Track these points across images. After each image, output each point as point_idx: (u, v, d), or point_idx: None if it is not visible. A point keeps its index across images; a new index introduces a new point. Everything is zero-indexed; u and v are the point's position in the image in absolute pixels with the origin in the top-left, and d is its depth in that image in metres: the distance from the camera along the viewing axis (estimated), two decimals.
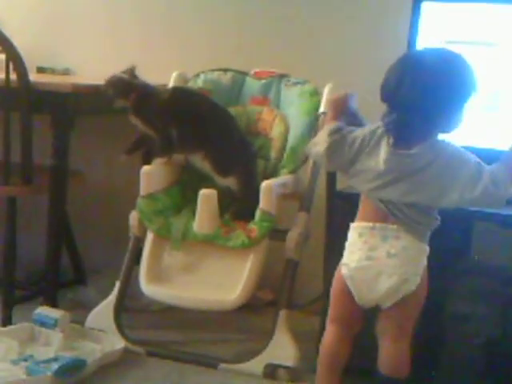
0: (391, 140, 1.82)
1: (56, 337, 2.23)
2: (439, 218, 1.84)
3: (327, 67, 2.70)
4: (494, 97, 2.23)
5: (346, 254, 1.87)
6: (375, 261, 1.81)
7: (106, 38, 3.07)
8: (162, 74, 2.63)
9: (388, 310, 1.83)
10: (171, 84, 2.57)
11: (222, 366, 2.25)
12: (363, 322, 1.90)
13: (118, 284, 2.42)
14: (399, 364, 1.84)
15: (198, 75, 2.59)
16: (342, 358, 1.90)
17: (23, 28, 3.02)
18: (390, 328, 1.84)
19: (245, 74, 2.60)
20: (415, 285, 1.81)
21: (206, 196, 2.30)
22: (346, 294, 1.86)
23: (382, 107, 1.83)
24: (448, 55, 1.86)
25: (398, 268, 1.80)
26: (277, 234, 2.29)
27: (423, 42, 2.26)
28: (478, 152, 1.84)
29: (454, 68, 1.81)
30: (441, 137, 1.83)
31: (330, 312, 1.91)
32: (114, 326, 2.35)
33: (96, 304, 2.44)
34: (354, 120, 1.98)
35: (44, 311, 2.30)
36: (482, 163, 1.79)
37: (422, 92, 1.76)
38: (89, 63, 3.07)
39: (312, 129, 2.39)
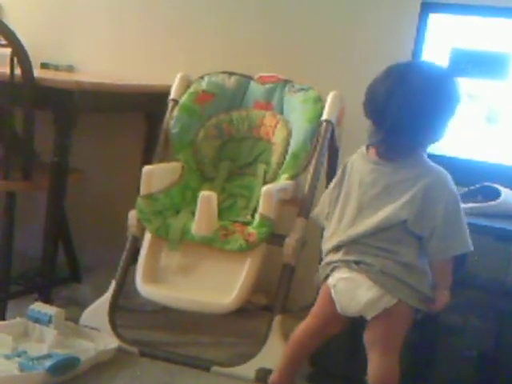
0: (376, 156, 1.87)
1: (50, 333, 2.22)
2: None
3: (332, 74, 2.71)
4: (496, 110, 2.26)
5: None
6: (356, 273, 1.83)
7: (110, 36, 3.07)
8: (167, 74, 2.63)
9: (372, 321, 1.84)
10: (175, 85, 2.57)
11: (215, 368, 2.25)
12: (343, 327, 1.92)
13: (113, 283, 2.41)
14: (387, 377, 1.84)
15: (202, 77, 2.59)
16: (307, 351, 1.96)
17: (27, 24, 3.01)
18: (376, 340, 1.85)
19: (249, 78, 2.61)
20: (396, 299, 1.81)
21: (206, 198, 2.30)
22: (332, 300, 1.88)
23: None
24: (432, 70, 1.88)
25: (377, 282, 1.81)
26: (274, 238, 2.29)
27: (428, 53, 2.28)
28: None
29: (440, 84, 1.82)
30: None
31: (314, 308, 1.95)
32: (108, 325, 2.35)
33: (91, 302, 2.44)
34: None
35: (38, 307, 2.29)
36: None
37: (410, 111, 1.78)
38: (92, 61, 3.07)
39: (314, 135, 2.40)
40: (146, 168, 2.41)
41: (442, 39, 2.30)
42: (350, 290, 1.83)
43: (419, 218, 1.80)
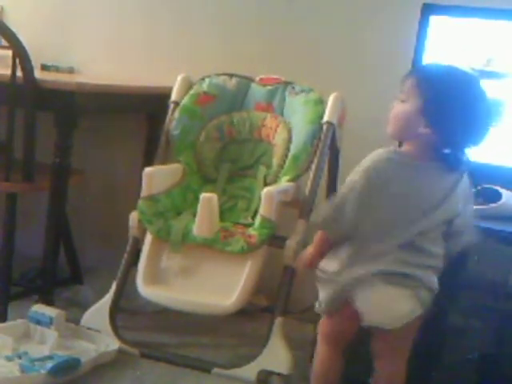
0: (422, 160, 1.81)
1: (51, 335, 2.22)
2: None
3: (333, 76, 2.70)
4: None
5: None
6: (391, 287, 1.77)
7: (111, 38, 3.07)
8: (168, 76, 2.63)
9: (388, 332, 1.79)
10: (176, 87, 2.57)
11: (216, 370, 2.25)
12: (354, 335, 1.89)
13: (114, 284, 2.41)
14: (394, 381, 1.84)
15: (203, 79, 2.59)
16: (337, 372, 1.90)
17: (28, 25, 3.01)
18: (387, 350, 1.84)
19: (250, 79, 2.61)
20: (419, 312, 1.79)
21: (207, 199, 2.31)
22: (352, 315, 1.81)
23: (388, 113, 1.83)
24: (475, 79, 1.82)
25: (413, 296, 1.78)
26: (275, 240, 2.29)
27: (430, 55, 2.28)
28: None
29: (484, 94, 1.79)
30: None
31: (326, 330, 1.90)
32: (109, 327, 2.35)
33: (92, 303, 2.44)
34: None
35: (39, 309, 2.30)
36: None
37: (476, 120, 1.76)
38: (93, 62, 3.07)
39: (315, 137, 2.40)
40: (147, 169, 2.41)
41: (443, 41, 2.30)
42: (384, 303, 1.77)
43: (461, 215, 1.81)
